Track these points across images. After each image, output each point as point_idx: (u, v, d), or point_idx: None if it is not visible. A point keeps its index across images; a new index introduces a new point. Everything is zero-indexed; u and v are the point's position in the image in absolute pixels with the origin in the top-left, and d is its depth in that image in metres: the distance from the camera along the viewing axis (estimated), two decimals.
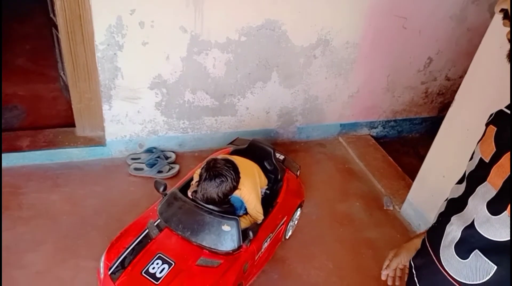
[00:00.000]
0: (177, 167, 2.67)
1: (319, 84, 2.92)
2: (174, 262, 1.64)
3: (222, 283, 1.63)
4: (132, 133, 2.66)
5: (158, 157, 2.67)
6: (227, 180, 1.69)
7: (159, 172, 2.60)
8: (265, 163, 2.14)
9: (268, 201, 2.04)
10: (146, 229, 1.77)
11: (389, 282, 1.20)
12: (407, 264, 1.10)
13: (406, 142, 3.55)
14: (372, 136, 3.39)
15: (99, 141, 2.64)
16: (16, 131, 2.63)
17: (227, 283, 1.64)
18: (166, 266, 1.63)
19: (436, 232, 0.91)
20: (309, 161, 2.99)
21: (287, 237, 2.28)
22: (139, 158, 2.68)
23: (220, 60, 2.55)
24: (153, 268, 1.62)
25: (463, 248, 0.84)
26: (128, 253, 1.68)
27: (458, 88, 2.11)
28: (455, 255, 0.84)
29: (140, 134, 2.68)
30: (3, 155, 2.44)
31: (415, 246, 1.07)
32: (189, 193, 1.84)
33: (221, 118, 2.82)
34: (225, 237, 1.70)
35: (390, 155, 3.15)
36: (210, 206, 1.75)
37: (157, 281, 1.58)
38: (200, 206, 1.76)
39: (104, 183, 2.51)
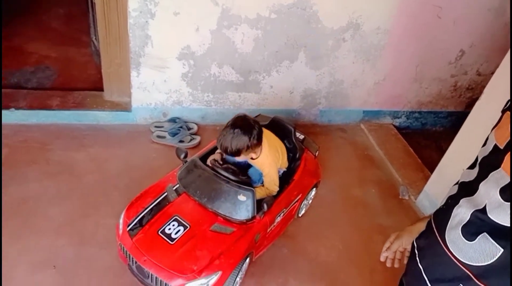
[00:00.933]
0: (198, 138, 2.72)
1: (345, 68, 2.90)
2: (190, 225, 1.70)
3: (233, 250, 1.69)
4: (157, 102, 2.72)
5: (181, 127, 2.72)
6: (246, 136, 1.71)
7: (181, 141, 2.67)
8: (285, 141, 2.16)
9: (284, 178, 2.07)
10: (165, 192, 1.83)
11: (388, 264, 1.20)
12: (408, 248, 1.09)
13: (429, 135, 3.50)
14: (395, 126, 3.36)
15: (125, 107, 2.71)
16: (47, 90, 2.73)
17: (238, 250, 1.70)
18: (181, 228, 1.69)
19: (443, 213, 0.92)
20: (328, 144, 3.00)
21: (300, 215, 2.32)
22: (162, 127, 2.74)
23: (249, 36, 2.56)
24: (169, 229, 1.68)
25: (471, 230, 0.85)
26: (146, 212, 1.75)
27: None
28: (462, 236, 0.85)
29: (165, 103, 2.74)
30: (34, 111, 2.54)
31: (417, 230, 1.07)
32: (209, 161, 1.89)
33: (244, 95, 2.84)
34: (240, 206, 1.75)
35: (411, 147, 3.12)
36: (228, 175, 1.80)
37: (172, 241, 1.64)
38: (218, 174, 1.80)
39: (127, 147, 2.59)
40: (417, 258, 0.96)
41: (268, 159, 1.88)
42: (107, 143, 2.58)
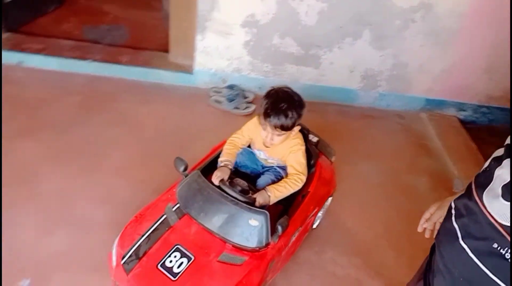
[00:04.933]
0: (253, 107, 2.79)
1: (411, 51, 2.79)
2: (194, 257, 1.46)
3: (246, 284, 1.45)
4: (218, 67, 2.82)
5: (238, 94, 2.80)
6: (300, 107, 1.57)
7: (236, 108, 2.75)
8: None
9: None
10: (164, 215, 1.58)
11: (427, 235, 1.17)
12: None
13: (495, 132, 3.28)
14: (459, 119, 3.19)
15: (187, 69, 2.84)
16: (119, 47, 2.94)
17: (251, 283, 1.47)
18: (184, 260, 1.45)
19: (485, 175, 0.90)
20: (383, 129, 2.94)
21: (315, 227, 2.11)
22: (220, 92, 2.84)
23: (314, 9, 2.54)
24: (171, 261, 1.44)
25: (509, 191, 0.82)
26: (143, 241, 1.50)
27: None
28: (500, 197, 0.83)
29: (225, 69, 2.83)
30: (107, 65, 2.76)
31: None
32: (214, 178, 1.59)
33: (303, 69, 2.85)
34: (252, 232, 1.50)
35: (474, 143, 2.95)
36: (236, 195, 1.53)
37: (174, 277, 1.41)
38: (224, 194, 1.52)
39: (185, 108, 2.73)
40: (453, 218, 0.95)
41: (300, 136, 1.70)
42: (167, 102, 2.74)
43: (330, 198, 2.10)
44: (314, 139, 2.06)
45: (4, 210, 1.94)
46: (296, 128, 1.63)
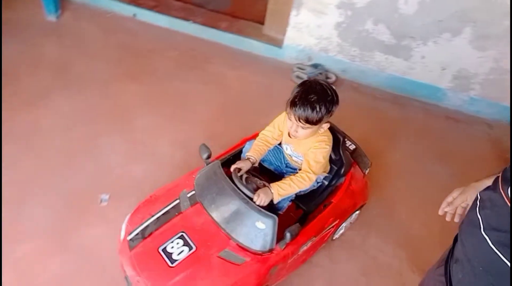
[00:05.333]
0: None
1: None
2: (195, 247, 1.46)
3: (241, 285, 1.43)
4: (307, 45, 2.90)
5: (320, 73, 2.87)
6: (331, 99, 1.44)
7: None
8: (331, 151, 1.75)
9: (320, 196, 1.74)
10: (177, 199, 1.60)
11: (448, 218, 1.19)
12: (471, 203, 1.06)
13: None
14: None
15: (278, 43, 2.97)
16: (220, 14, 3.16)
17: None
18: (186, 249, 1.45)
19: None
20: (466, 135, 2.79)
21: (334, 238, 2.01)
22: (304, 69, 2.93)
23: None
24: (172, 247, 1.46)
25: None
26: (152, 222, 1.54)
27: None
28: None
29: (313, 48, 2.90)
30: (205, 28, 3.01)
31: (484, 185, 1.04)
32: (232, 169, 1.55)
33: (392, 59, 2.80)
34: (257, 234, 1.46)
35: None
36: (249, 193, 1.48)
37: (172, 263, 1.43)
38: (238, 190, 1.49)
39: (269, 78, 2.88)
40: (477, 208, 0.96)
41: (328, 135, 1.59)
42: (254, 70, 2.91)
43: (357, 212, 1.99)
44: (351, 146, 1.94)
45: (100, 137, 2.31)
46: (325, 125, 1.53)
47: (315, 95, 1.42)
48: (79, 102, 2.48)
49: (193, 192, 1.60)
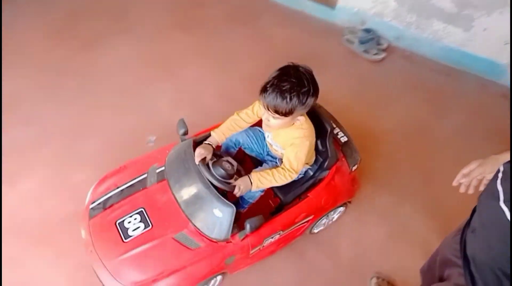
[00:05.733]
0: (382, 54, 2.76)
1: None
2: (152, 225, 1.42)
3: (191, 271, 1.38)
4: (361, 8, 2.81)
5: (372, 38, 2.79)
6: (306, 87, 1.30)
7: (365, 51, 2.76)
8: (318, 142, 1.63)
9: (299, 188, 1.61)
10: (145, 173, 1.55)
11: (462, 190, 1.17)
12: (488, 176, 1.07)
13: None
14: None
15: (331, 3, 2.90)
16: None
17: (196, 272, 1.40)
18: (142, 225, 1.42)
19: None
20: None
21: (314, 232, 1.89)
22: (355, 33, 2.84)
23: None
24: (129, 222, 1.43)
25: None
26: (115, 193, 1.51)
27: None
28: None
29: (368, 12, 2.81)
30: None
31: (504, 159, 1.05)
32: (196, 159, 1.44)
33: (450, 28, 2.66)
34: (215, 222, 1.40)
35: None
36: (211, 179, 1.39)
37: (126, 239, 1.40)
38: (204, 172, 1.41)
39: (318, 39, 2.84)
40: (498, 180, 0.95)
41: (308, 127, 1.44)
42: (303, 30, 2.88)
43: (341, 208, 1.85)
44: (343, 138, 1.77)
45: (150, 81, 2.42)
46: (301, 118, 1.39)
47: (288, 84, 1.28)
48: (133, 47, 2.60)
49: (163, 168, 1.54)
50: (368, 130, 2.35)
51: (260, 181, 1.42)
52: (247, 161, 1.75)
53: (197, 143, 1.52)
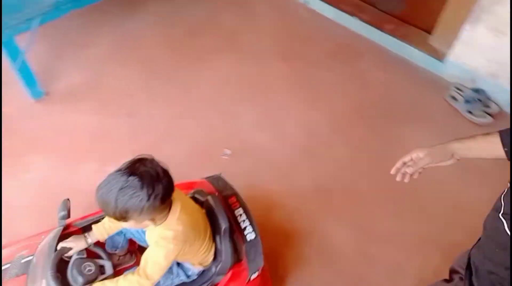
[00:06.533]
0: (489, 119, 2.51)
1: None
2: None
3: None
4: (473, 65, 2.62)
5: (480, 100, 2.57)
6: (144, 190, 1.06)
7: (469, 112, 2.55)
8: (216, 238, 1.37)
9: None
10: (8, 263, 1.31)
11: (399, 178, 1.12)
12: (433, 165, 1.09)
13: None
14: None
15: (439, 56, 2.75)
16: (389, 15, 3.08)
17: None
18: None
19: None
20: None
21: None
22: (462, 91, 2.64)
23: None
24: None
25: None
26: None
27: None
28: None
29: (480, 70, 2.60)
30: (369, 27, 2.99)
31: (452, 148, 1.08)
32: (59, 247, 1.25)
33: None
34: None
35: None
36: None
37: None
38: (55, 260, 1.19)
39: (419, 90, 2.72)
40: (503, 195, 0.99)
41: (174, 233, 1.18)
42: (405, 78, 2.79)
43: None
44: (249, 235, 1.39)
45: (239, 101, 2.56)
46: (148, 223, 1.15)
47: (117, 185, 1.05)
48: (234, 67, 2.79)
49: (31, 257, 1.29)
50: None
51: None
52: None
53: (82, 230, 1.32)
